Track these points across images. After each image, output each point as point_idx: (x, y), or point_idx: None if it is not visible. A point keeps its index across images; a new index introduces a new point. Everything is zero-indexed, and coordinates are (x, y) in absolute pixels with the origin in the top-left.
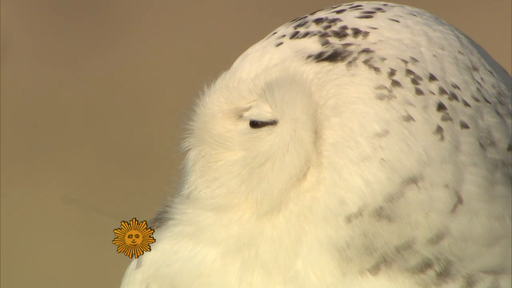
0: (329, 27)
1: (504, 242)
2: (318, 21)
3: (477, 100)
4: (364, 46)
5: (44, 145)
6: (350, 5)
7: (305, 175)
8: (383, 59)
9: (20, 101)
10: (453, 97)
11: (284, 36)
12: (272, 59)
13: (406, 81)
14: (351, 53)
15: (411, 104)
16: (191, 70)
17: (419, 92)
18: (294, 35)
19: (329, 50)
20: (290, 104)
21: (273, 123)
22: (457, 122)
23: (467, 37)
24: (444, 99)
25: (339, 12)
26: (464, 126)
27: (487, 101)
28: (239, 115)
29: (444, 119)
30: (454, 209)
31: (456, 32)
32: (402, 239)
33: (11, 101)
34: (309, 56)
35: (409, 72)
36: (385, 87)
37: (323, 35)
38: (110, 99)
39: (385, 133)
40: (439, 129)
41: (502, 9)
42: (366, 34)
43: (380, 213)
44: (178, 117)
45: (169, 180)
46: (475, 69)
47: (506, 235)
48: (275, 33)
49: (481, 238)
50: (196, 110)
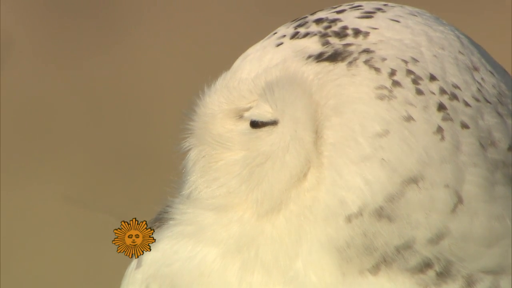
0: (329, 27)
1: (504, 242)
2: (318, 21)
3: (477, 100)
4: (364, 46)
5: (44, 145)
6: (351, 5)
7: (305, 175)
8: (384, 59)
9: (20, 100)
10: (454, 97)
11: (284, 36)
12: (273, 59)
13: (407, 81)
14: (351, 53)
15: (411, 104)
16: (191, 70)
17: (419, 92)
18: (295, 35)
19: (329, 50)
20: (290, 104)
21: (273, 123)
22: (457, 122)
23: (467, 37)
24: (445, 99)
25: (339, 12)
26: (465, 126)
27: (488, 101)
28: (240, 115)
29: (444, 119)
30: (454, 209)
31: (457, 32)
32: (402, 239)
33: (11, 101)
34: (309, 56)
35: (409, 72)
36: (386, 87)
37: (324, 35)
38: (110, 99)
39: (386, 133)
40: (439, 129)
41: (502, 8)
42: (367, 34)
43: (380, 213)
44: (179, 117)
45: (169, 180)
46: (476, 69)
47: (506, 235)
48: (276, 33)
49: (481, 238)
50: (197, 110)
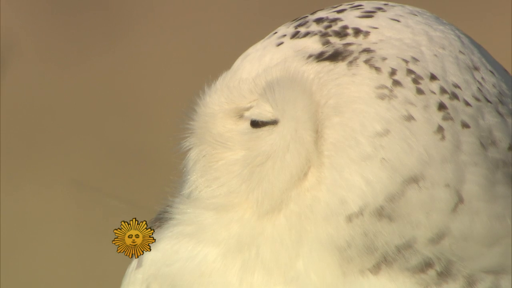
0: (329, 26)
1: (504, 242)
2: (318, 20)
3: (478, 99)
4: (365, 46)
5: (44, 145)
6: (351, 4)
7: (306, 174)
8: (384, 58)
9: (21, 99)
10: (454, 96)
11: (284, 35)
12: (273, 58)
13: (407, 80)
14: (352, 52)
15: (412, 103)
16: (192, 69)
17: (420, 91)
18: (295, 35)
19: (329, 50)
20: (291, 103)
21: (274, 122)
22: (458, 121)
23: (467, 36)
24: (445, 99)
25: (339, 11)
26: (465, 125)
27: (488, 100)
28: (240, 114)
29: (445, 118)
30: (455, 209)
31: (457, 31)
32: (403, 238)
33: (12, 100)
34: (309, 56)
35: (410, 71)
36: (386, 87)
37: (324, 34)
38: (111, 99)
39: (386, 132)
40: (440, 129)
41: (503, 8)
42: (367, 33)
43: (381, 213)
44: (179, 116)
45: (169, 180)
46: (476, 68)
47: (506, 234)
48: (276, 32)
49: (481, 238)
50: (197, 109)
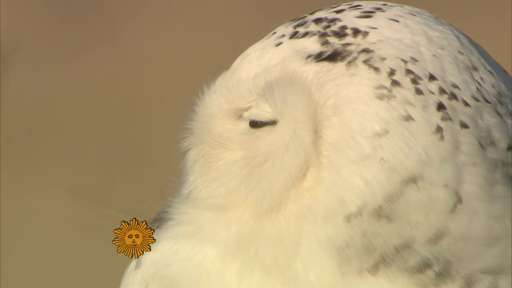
0: (328, 27)
1: (503, 242)
2: (317, 21)
3: (476, 100)
4: (363, 46)
5: (44, 145)
6: (350, 4)
7: (304, 174)
8: (383, 59)
9: (20, 101)
10: (453, 97)
11: (283, 36)
12: (272, 59)
13: (406, 80)
14: (350, 53)
15: (410, 103)
16: (191, 69)
17: (418, 91)
18: (294, 35)
19: (328, 50)
20: (290, 104)
21: (272, 123)
22: (457, 122)
23: (467, 37)
24: (444, 99)
25: (338, 12)
26: (464, 126)
27: (487, 101)
28: (239, 115)
29: (443, 118)
30: (453, 209)
31: (456, 32)
32: (402, 238)
33: (12, 102)
34: (308, 56)
35: (408, 71)
36: (385, 87)
37: (323, 35)
38: (110, 99)
39: (385, 132)
40: (438, 129)
41: (502, 8)
42: (366, 34)
43: (380, 213)
44: (178, 116)
45: (168, 180)
46: (475, 69)
47: (505, 235)
48: (275, 33)
49: (480, 238)
50: (196, 110)
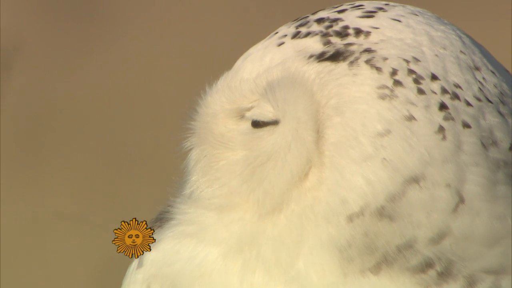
0: (330, 26)
1: (505, 242)
2: (319, 20)
3: (479, 99)
4: (366, 46)
5: (45, 147)
6: (352, 4)
7: (306, 174)
8: (385, 58)
9: (21, 102)
10: (455, 96)
11: (285, 36)
12: (274, 59)
13: (408, 80)
14: (353, 53)
15: (413, 103)
16: (193, 69)
17: (421, 91)
18: (296, 35)
19: (330, 50)
20: (292, 104)
21: (275, 123)
22: (459, 121)
23: (469, 36)
24: (446, 99)
25: (340, 11)
26: (466, 125)
27: (489, 100)
28: (241, 115)
29: (446, 118)
30: (455, 209)
31: (458, 31)
32: (404, 238)
33: (12, 103)
34: (310, 56)
35: (411, 71)
36: (387, 87)
37: (325, 34)
38: (111, 99)
39: (387, 132)
40: (441, 129)
41: (503, 8)
42: (368, 33)
43: (382, 213)
44: (180, 117)
45: (170, 180)
46: (477, 68)
47: (507, 235)
48: (277, 33)
49: (482, 238)
50: (198, 110)
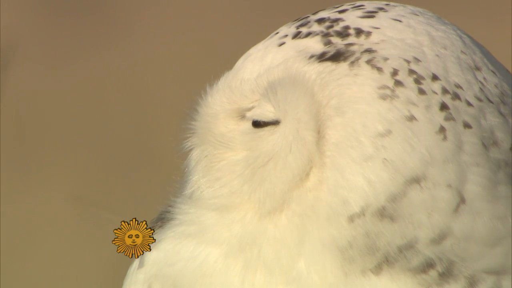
0: (331, 27)
1: (506, 242)
2: (320, 21)
3: (479, 100)
4: (366, 46)
5: (45, 147)
6: (352, 4)
7: (307, 175)
8: (386, 59)
9: (21, 102)
10: (456, 97)
11: (286, 36)
12: (275, 59)
13: (409, 80)
14: (353, 53)
15: (414, 104)
16: (193, 69)
17: (421, 92)
18: (296, 35)
19: (331, 50)
20: (292, 104)
21: (275, 123)
22: (460, 122)
23: (469, 36)
24: (447, 99)
25: (341, 12)
26: (467, 126)
27: (490, 101)
28: (242, 115)
29: (447, 119)
30: (456, 209)
31: (459, 31)
32: (405, 239)
33: (12, 102)
34: (311, 56)
35: (411, 72)
36: (388, 87)
37: (326, 35)
38: (112, 100)
39: (388, 133)
40: (442, 129)
41: (504, 8)
42: (369, 34)
43: (383, 213)
44: (181, 117)
45: (171, 180)
46: (478, 68)
47: (508, 235)
48: (277, 33)
49: (483, 238)
50: (199, 110)
